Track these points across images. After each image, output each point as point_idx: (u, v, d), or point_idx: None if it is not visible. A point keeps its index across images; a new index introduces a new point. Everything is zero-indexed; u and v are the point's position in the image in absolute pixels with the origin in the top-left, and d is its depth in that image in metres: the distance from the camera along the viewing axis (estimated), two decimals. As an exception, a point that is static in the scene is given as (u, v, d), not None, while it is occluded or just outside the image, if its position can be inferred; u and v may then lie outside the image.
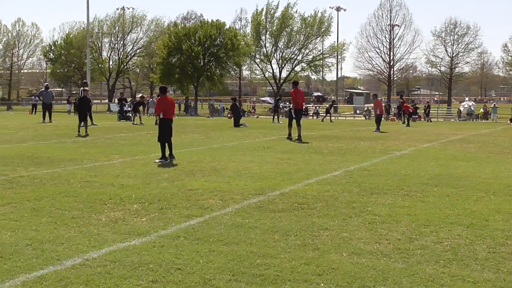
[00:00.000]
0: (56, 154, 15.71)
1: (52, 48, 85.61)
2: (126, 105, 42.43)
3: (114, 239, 6.79)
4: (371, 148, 19.09)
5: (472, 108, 58.72)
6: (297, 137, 22.00)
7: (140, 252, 6.24)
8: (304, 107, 23.01)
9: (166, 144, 14.75)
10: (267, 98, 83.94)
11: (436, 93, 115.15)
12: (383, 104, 33.50)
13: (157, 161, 14.27)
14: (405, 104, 41.21)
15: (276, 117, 40.02)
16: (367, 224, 7.70)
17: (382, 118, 32.70)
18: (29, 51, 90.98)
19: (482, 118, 55.86)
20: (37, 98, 59.98)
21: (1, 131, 25.30)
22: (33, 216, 7.96)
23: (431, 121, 49.64)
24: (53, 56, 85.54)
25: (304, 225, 7.61)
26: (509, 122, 45.46)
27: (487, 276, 5.58)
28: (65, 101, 66.77)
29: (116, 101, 51.34)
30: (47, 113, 34.14)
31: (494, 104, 58.08)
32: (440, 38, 78.39)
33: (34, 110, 55.38)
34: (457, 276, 5.54)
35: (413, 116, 42.40)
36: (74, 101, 60.38)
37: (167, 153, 14.60)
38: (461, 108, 60.21)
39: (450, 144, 21.52)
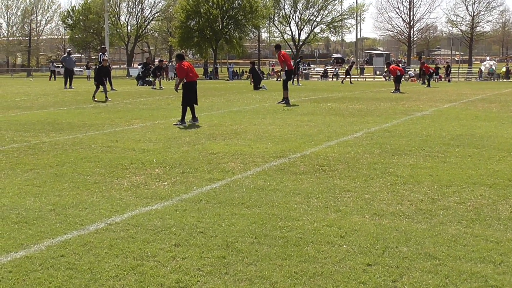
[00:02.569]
0: (77, 119, 15.79)
1: (71, 13, 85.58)
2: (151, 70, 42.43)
3: (137, 204, 6.83)
4: (392, 109, 18.97)
5: (494, 68, 57.90)
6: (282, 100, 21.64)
7: (162, 216, 6.27)
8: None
9: (189, 108, 14.78)
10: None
11: (457, 53, 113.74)
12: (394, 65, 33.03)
13: (176, 123, 14.36)
14: (425, 65, 40.69)
15: (296, 79, 39.88)
16: (389, 185, 7.67)
17: (402, 79, 32.41)
18: (47, 17, 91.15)
19: (503, 77, 55.12)
20: (55, 64, 60.30)
21: (22, 98, 25.46)
22: (55, 181, 8.02)
23: (450, 81, 49.16)
24: (72, 22, 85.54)
25: (325, 187, 7.60)
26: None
27: (510, 235, 5.54)
28: (84, 67, 66.71)
29: (140, 66, 51.29)
30: (68, 79, 34.27)
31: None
32: (461, -4, 77.15)
33: (53, 76, 55.60)
34: (480, 236, 5.51)
35: (434, 76, 42.03)
36: (94, 66, 60.66)
37: (188, 117, 14.62)
38: (482, 68, 59.38)
39: (472, 104, 21.32)
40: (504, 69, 56.84)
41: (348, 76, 45.57)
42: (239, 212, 6.43)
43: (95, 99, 23.16)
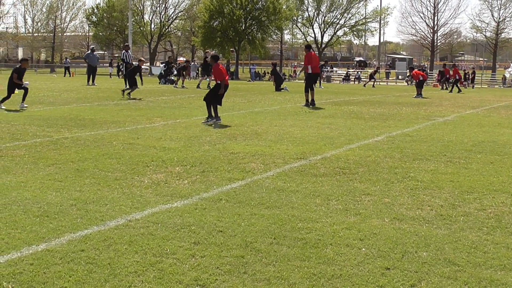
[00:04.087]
0: (99, 116, 15.89)
1: (95, 11, 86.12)
2: (173, 69, 42.49)
3: (157, 201, 6.86)
4: (414, 113, 18.88)
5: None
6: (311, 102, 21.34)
7: (182, 214, 6.30)
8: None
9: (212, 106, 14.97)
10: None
11: (481, 59, 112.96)
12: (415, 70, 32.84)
13: (206, 122, 14.62)
14: (455, 68, 39.63)
15: (318, 81, 40.00)
16: (409, 190, 7.65)
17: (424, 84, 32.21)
18: (72, 14, 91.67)
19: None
20: (68, 60, 60.68)
21: (45, 93, 25.66)
22: (77, 177, 8.08)
23: (474, 87, 48.79)
24: (96, 19, 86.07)
25: (345, 190, 7.59)
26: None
27: (531, 244, 5.51)
28: (107, 64, 67.04)
29: (162, 65, 51.49)
30: (91, 76, 34.47)
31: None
32: (486, 2, 76.41)
33: (68, 73, 55.89)
34: (501, 244, 5.48)
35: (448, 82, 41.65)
36: (117, 64, 60.93)
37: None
38: (507, 75, 58.86)
39: (495, 110, 21.17)
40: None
41: (372, 80, 45.41)
42: (258, 212, 6.44)
43: (130, 97, 23.23)
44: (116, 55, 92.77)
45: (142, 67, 26.08)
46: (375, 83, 46.59)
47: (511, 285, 4.53)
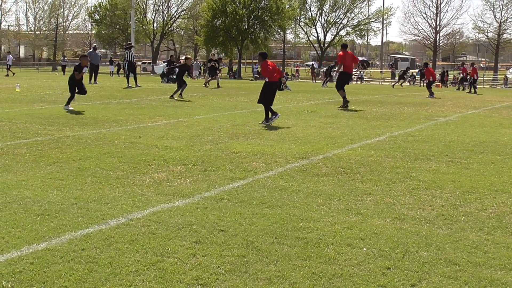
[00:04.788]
0: (101, 115, 15.90)
1: (97, 9, 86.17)
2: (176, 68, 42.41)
3: (158, 200, 6.86)
4: (416, 113, 18.88)
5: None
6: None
7: (183, 213, 6.30)
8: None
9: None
10: (314, 63, 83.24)
11: (483, 59, 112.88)
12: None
13: (268, 121, 14.61)
14: (473, 68, 38.77)
15: (327, 81, 40.69)
16: (411, 189, 7.64)
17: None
18: (74, 12, 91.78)
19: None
20: (65, 59, 60.66)
21: (47, 91, 25.69)
22: (78, 175, 8.08)
23: (476, 87, 48.70)
24: (98, 18, 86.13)
25: (347, 189, 7.59)
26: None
27: (532, 244, 5.51)
28: (108, 63, 66.99)
29: (164, 63, 51.51)
30: (93, 74, 34.49)
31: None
32: (488, 3, 76.45)
33: (64, 71, 55.81)
34: (501, 244, 5.48)
35: (464, 83, 41.54)
36: (117, 62, 60.92)
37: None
38: (508, 75, 58.83)
39: (496, 111, 21.16)
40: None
41: (401, 81, 45.56)
42: (260, 211, 6.44)
43: (175, 98, 22.85)
44: (118, 53, 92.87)
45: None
46: (404, 83, 46.58)
47: (511, 285, 4.52)
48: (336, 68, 22.56)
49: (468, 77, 39.35)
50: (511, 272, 4.77)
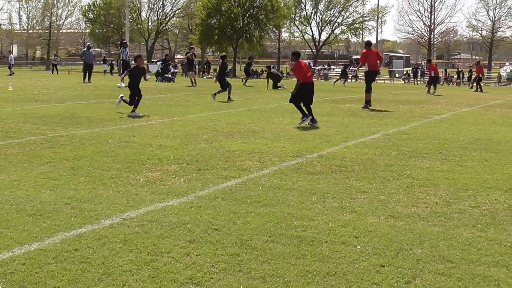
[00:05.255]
0: (95, 114, 15.86)
1: (91, 8, 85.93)
2: (171, 67, 42.35)
3: (152, 199, 6.85)
4: (410, 111, 18.90)
5: (513, 73, 57.44)
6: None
7: (178, 213, 6.29)
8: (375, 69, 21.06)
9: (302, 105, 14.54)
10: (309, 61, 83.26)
11: (477, 57, 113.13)
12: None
13: (303, 122, 14.21)
14: (478, 66, 38.36)
15: (344, 80, 40.63)
16: (405, 187, 7.65)
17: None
18: (68, 11, 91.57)
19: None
20: (56, 58, 60.50)
21: (40, 91, 25.61)
22: (71, 175, 8.06)
23: (472, 87, 48.76)
24: (92, 16, 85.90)
25: (341, 187, 7.59)
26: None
27: (525, 241, 5.52)
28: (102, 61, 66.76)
29: (159, 62, 51.44)
30: (87, 74, 34.40)
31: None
32: (482, 1, 76.62)
33: (55, 70, 55.58)
34: (494, 240, 5.49)
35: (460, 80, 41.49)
36: (110, 61, 60.74)
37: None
38: (502, 73, 58.93)
39: (490, 109, 21.20)
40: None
41: (343, 79, 45.06)
42: (254, 210, 6.44)
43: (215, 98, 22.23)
44: (113, 52, 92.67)
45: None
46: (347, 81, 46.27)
47: (504, 281, 4.53)
48: (356, 68, 21.49)
49: (474, 75, 39.33)
50: (504, 269, 4.78)
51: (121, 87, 23.77)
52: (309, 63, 71.27)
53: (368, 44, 21.47)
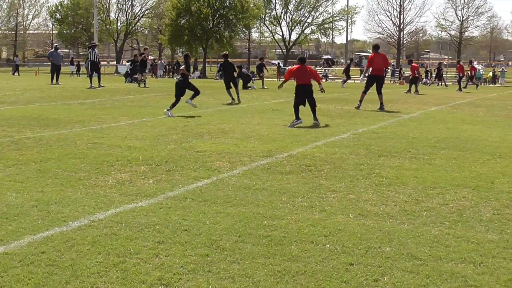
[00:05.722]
0: (63, 115, 15.71)
1: (59, 8, 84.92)
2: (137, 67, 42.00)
3: (121, 201, 6.80)
4: (380, 111, 19.01)
5: (481, 72, 58.08)
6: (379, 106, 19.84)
7: (147, 214, 6.25)
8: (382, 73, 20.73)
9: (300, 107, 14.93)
10: (279, 61, 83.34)
11: (445, 57, 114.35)
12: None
13: (294, 122, 14.43)
14: (459, 65, 38.33)
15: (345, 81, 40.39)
16: (374, 186, 7.69)
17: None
18: (35, 11, 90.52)
19: (490, 82, 55.31)
20: (17, 59, 59.77)
21: (6, 92, 25.30)
22: (39, 177, 7.96)
23: (439, 84, 49.27)
24: (60, 17, 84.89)
25: (311, 187, 7.60)
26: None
27: (491, 237, 5.59)
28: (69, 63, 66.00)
29: (128, 63, 51.11)
30: (55, 75, 34.04)
31: (502, 69, 57.40)
32: (450, 1, 77.74)
33: (17, 71, 54.78)
34: (462, 237, 5.55)
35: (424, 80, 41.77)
36: (78, 62, 60.14)
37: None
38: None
39: (458, 107, 21.44)
40: (491, 74, 57.00)
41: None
42: (224, 210, 6.42)
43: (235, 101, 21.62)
44: (81, 53, 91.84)
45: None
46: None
47: (471, 277, 4.58)
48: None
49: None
50: (471, 265, 4.83)
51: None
52: (279, 63, 71.50)
53: (375, 47, 21.20)
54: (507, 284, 4.48)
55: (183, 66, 17.84)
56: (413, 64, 33.14)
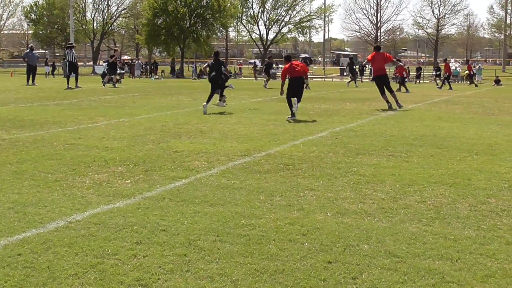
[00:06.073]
0: (39, 116, 15.59)
1: (34, 8, 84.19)
2: (118, 67, 41.77)
3: (99, 202, 6.76)
4: (358, 109, 19.11)
5: (458, 70, 58.56)
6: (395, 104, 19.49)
7: (124, 214, 6.22)
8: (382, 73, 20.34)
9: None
10: (256, 61, 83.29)
11: (423, 55, 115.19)
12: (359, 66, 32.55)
13: (288, 118, 15.35)
14: (446, 63, 38.29)
15: (352, 81, 38.81)
16: (352, 184, 7.72)
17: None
18: (9, 12, 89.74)
19: (467, 79, 55.79)
20: None
21: (-16, 94, 25.05)
22: (15, 179, 7.89)
23: (420, 82, 49.64)
24: (35, 17, 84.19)
25: (289, 185, 7.61)
26: (493, 83, 45.52)
27: (468, 233, 5.63)
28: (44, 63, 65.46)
29: (105, 63, 50.80)
30: (30, 76, 33.79)
31: (479, 66, 58.04)
32: (427, -1, 78.11)
33: None
34: (439, 234, 5.59)
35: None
36: (53, 63, 59.65)
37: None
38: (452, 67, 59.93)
39: (436, 105, 21.59)
40: (467, 71, 57.41)
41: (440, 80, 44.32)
42: (202, 210, 6.41)
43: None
44: (57, 54, 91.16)
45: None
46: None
47: (448, 273, 4.61)
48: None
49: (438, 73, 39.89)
50: (448, 262, 4.86)
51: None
52: (255, 62, 71.48)
53: (377, 48, 21.16)
54: (484, 280, 4.52)
55: (223, 68, 18.69)
56: (401, 65, 33.15)
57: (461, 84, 47.85)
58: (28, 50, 35.98)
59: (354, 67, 41.84)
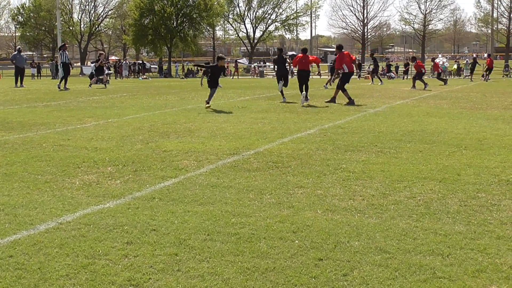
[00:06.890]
0: (28, 118, 15.53)
1: (21, 11, 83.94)
2: (105, 68, 41.65)
3: (89, 202, 6.75)
4: (345, 106, 19.13)
5: (446, 65, 58.80)
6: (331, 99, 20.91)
7: (114, 215, 6.21)
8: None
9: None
10: (244, 59, 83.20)
11: (410, 50, 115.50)
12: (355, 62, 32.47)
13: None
14: (418, 61, 38.11)
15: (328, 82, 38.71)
16: (342, 181, 7.74)
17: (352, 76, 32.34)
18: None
19: (455, 74, 56.06)
20: None
21: (-29, 97, 24.92)
22: (4, 181, 7.86)
23: (406, 78, 49.72)
24: (22, 19, 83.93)
25: (278, 183, 7.63)
26: (481, 78, 45.74)
27: (458, 228, 5.66)
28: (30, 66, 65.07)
29: (93, 64, 50.60)
30: (19, 78, 33.66)
31: (467, 61, 58.31)
32: (413, -5, 78.36)
33: None
34: (429, 230, 5.61)
35: (387, 74, 42.15)
36: (38, 64, 59.35)
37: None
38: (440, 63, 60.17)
39: (424, 100, 21.66)
40: (455, 66, 57.74)
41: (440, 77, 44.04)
42: (192, 209, 6.41)
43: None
44: (45, 55, 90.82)
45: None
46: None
47: (439, 269, 4.64)
48: (339, 71, 21.09)
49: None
50: (439, 257, 4.88)
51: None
52: (236, 61, 71.32)
53: (339, 47, 21.98)
54: (475, 275, 4.54)
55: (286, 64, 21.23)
56: (418, 61, 33.33)
57: (448, 79, 47.97)
58: (16, 52, 35.81)
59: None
